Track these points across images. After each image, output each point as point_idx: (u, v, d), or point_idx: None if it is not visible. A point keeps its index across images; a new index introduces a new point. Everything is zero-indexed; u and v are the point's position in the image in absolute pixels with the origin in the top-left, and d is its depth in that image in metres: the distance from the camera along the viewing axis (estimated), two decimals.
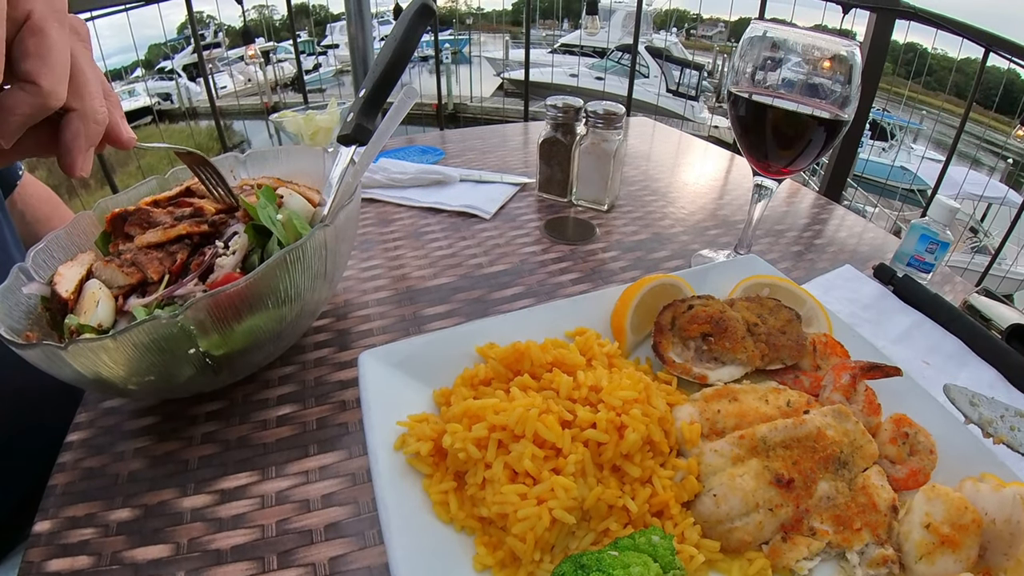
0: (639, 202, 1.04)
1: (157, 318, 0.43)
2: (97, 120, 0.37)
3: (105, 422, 0.58)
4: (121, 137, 0.41)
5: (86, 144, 0.37)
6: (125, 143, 0.41)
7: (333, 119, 1.03)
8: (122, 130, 0.40)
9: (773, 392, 0.51)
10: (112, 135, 0.40)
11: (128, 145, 0.42)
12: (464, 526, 0.43)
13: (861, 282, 0.80)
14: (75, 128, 0.36)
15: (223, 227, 0.60)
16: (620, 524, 0.43)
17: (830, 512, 0.43)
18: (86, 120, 0.36)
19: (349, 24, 1.74)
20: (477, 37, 11.98)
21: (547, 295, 0.77)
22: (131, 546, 0.46)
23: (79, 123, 0.36)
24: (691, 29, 16.13)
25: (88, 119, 0.36)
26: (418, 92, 0.67)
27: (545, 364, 0.51)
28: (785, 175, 0.71)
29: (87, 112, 0.36)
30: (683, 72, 11.54)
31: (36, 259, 0.56)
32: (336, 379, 0.62)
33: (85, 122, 0.36)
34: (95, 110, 0.37)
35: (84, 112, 0.36)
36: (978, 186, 4.34)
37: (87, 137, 0.37)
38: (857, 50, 0.61)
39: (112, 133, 0.40)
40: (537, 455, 0.43)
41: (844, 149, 2.26)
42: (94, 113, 0.37)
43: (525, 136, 1.41)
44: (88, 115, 0.36)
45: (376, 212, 0.99)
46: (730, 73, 0.69)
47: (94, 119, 0.37)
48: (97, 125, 0.37)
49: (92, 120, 0.37)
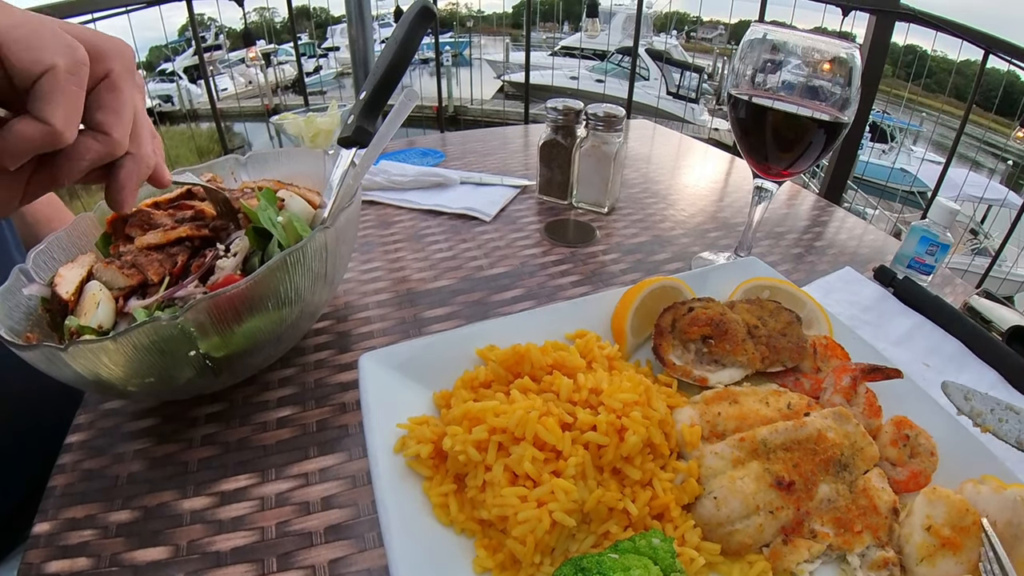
0: (639, 204, 1.04)
1: (157, 320, 0.43)
2: (148, 165, 0.42)
3: (105, 424, 0.58)
4: (163, 178, 0.45)
5: (136, 185, 0.41)
6: (164, 183, 0.46)
7: (334, 121, 1.04)
8: (163, 173, 0.45)
9: (773, 394, 0.51)
10: (155, 175, 0.44)
11: (166, 185, 0.46)
12: (464, 529, 0.43)
13: (861, 284, 0.80)
14: (129, 170, 0.40)
15: (223, 231, 0.60)
16: (620, 527, 0.43)
17: (831, 514, 0.43)
18: (139, 163, 0.41)
19: (350, 27, 1.74)
20: (477, 40, 12.03)
21: (547, 297, 0.77)
22: (130, 548, 0.46)
23: (133, 166, 0.40)
24: (691, 32, 16.17)
25: (141, 163, 0.41)
26: (419, 94, 0.67)
27: (545, 366, 0.51)
28: (785, 177, 0.72)
29: (141, 157, 0.41)
30: (683, 75, 11.57)
31: (36, 260, 0.56)
32: (336, 381, 0.62)
33: (138, 165, 0.41)
34: (148, 155, 0.41)
35: (138, 157, 0.40)
36: (978, 188, 4.35)
37: (138, 178, 0.41)
38: (857, 52, 0.61)
39: (155, 174, 0.44)
40: (537, 457, 0.43)
41: (844, 151, 2.27)
42: (147, 159, 0.41)
43: (525, 138, 1.41)
44: (141, 160, 0.41)
45: (376, 214, 0.99)
46: (730, 75, 0.69)
47: (146, 164, 0.41)
48: (148, 169, 0.42)
49: (144, 164, 0.41)
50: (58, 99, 0.33)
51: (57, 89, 0.32)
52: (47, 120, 0.32)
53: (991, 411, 0.46)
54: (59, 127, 0.33)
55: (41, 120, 0.32)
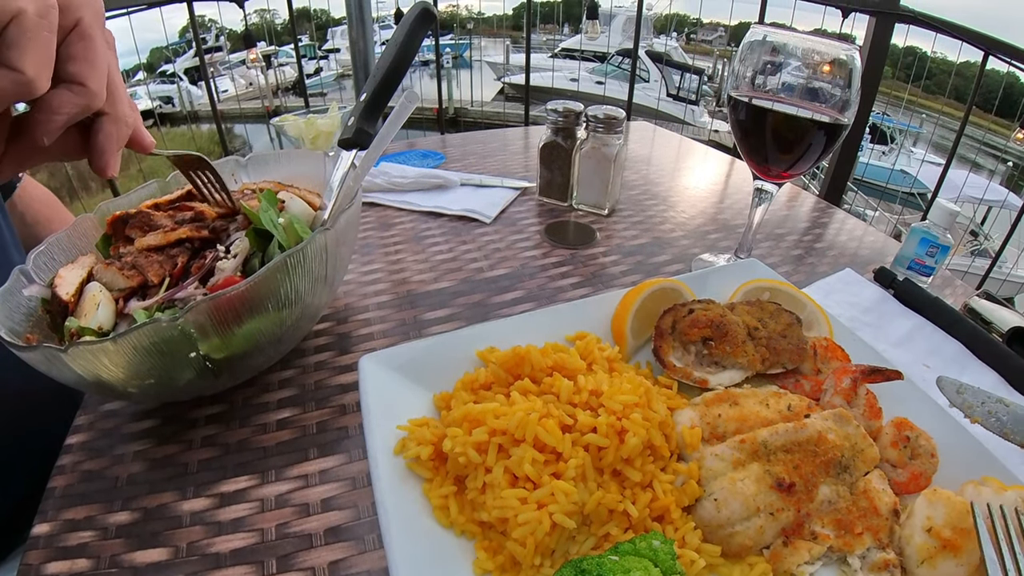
0: (639, 206, 1.04)
1: (157, 321, 0.43)
2: (128, 123, 0.40)
3: (105, 425, 0.58)
4: (143, 141, 0.43)
5: (117, 146, 0.39)
6: (147, 146, 0.44)
7: (334, 123, 1.04)
8: (144, 134, 0.43)
9: (774, 396, 0.51)
10: (135, 138, 0.42)
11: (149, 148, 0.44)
12: (464, 530, 0.43)
13: (861, 286, 0.80)
14: (108, 130, 0.39)
15: (223, 233, 0.60)
16: (621, 528, 0.43)
17: (831, 516, 0.43)
18: (118, 123, 0.39)
19: (350, 28, 1.75)
20: (478, 42, 12.04)
21: (547, 299, 0.77)
22: (130, 549, 0.46)
23: (111, 126, 0.39)
24: (691, 34, 16.19)
25: (120, 122, 0.39)
26: (419, 96, 0.67)
27: (545, 368, 0.51)
28: (785, 179, 0.72)
29: (119, 116, 0.39)
30: (683, 76, 11.57)
31: (37, 261, 0.56)
32: (336, 383, 0.62)
33: (117, 125, 0.39)
34: (126, 114, 0.39)
35: (116, 116, 0.39)
36: (978, 189, 4.35)
37: (118, 139, 0.39)
38: (857, 54, 0.61)
39: (135, 136, 0.42)
40: (537, 459, 0.43)
41: (844, 153, 2.27)
42: (125, 117, 0.39)
43: (526, 140, 1.42)
44: (120, 119, 0.39)
45: (377, 216, 0.99)
46: (730, 77, 0.69)
47: (125, 122, 0.39)
48: (127, 128, 0.40)
49: (123, 123, 0.39)
50: (27, 45, 0.31)
51: (26, 35, 0.31)
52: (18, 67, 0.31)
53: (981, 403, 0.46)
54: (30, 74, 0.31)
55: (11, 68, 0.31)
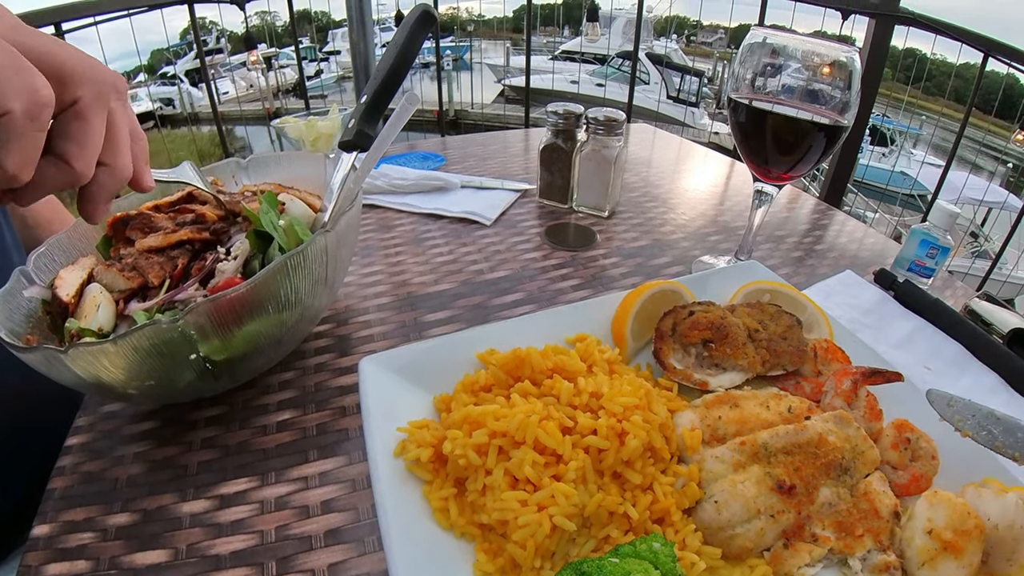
0: (640, 208, 1.04)
1: (158, 323, 0.43)
2: (123, 176, 0.41)
3: (104, 426, 0.58)
4: (142, 184, 0.44)
5: (107, 197, 0.40)
6: (145, 188, 0.44)
7: (335, 125, 1.04)
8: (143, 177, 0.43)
9: (774, 398, 0.51)
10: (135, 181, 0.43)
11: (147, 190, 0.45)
12: (464, 533, 0.43)
13: (862, 287, 0.80)
14: (101, 183, 0.39)
15: (224, 235, 0.60)
16: (621, 531, 0.43)
17: (832, 518, 0.43)
18: (112, 177, 0.40)
19: (351, 31, 1.75)
20: (478, 44, 12.04)
21: (548, 301, 0.77)
22: (130, 551, 0.46)
23: (106, 179, 0.39)
24: (691, 36, 16.21)
25: (115, 176, 0.40)
26: (419, 98, 0.67)
27: (546, 370, 0.51)
28: (785, 181, 0.72)
29: (116, 169, 0.40)
30: (683, 79, 11.59)
31: (37, 262, 0.56)
32: (336, 385, 0.62)
33: (111, 178, 0.40)
34: (123, 167, 0.40)
35: (113, 169, 0.39)
36: (978, 191, 4.35)
37: (109, 191, 0.40)
38: (856, 56, 0.61)
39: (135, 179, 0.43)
40: (538, 461, 0.43)
41: (844, 155, 2.27)
42: (122, 170, 0.40)
43: (526, 142, 1.42)
44: (115, 172, 0.40)
45: (377, 218, 0.99)
46: (730, 79, 0.69)
47: (120, 176, 0.40)
48: (122, 180, 0.41)
49: (119, 177, 0.40)
50: (12, 146, 0.32)
51: (13, 136, 0.32)
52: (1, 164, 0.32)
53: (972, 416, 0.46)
54: (11, 171, 0.33)
55: None
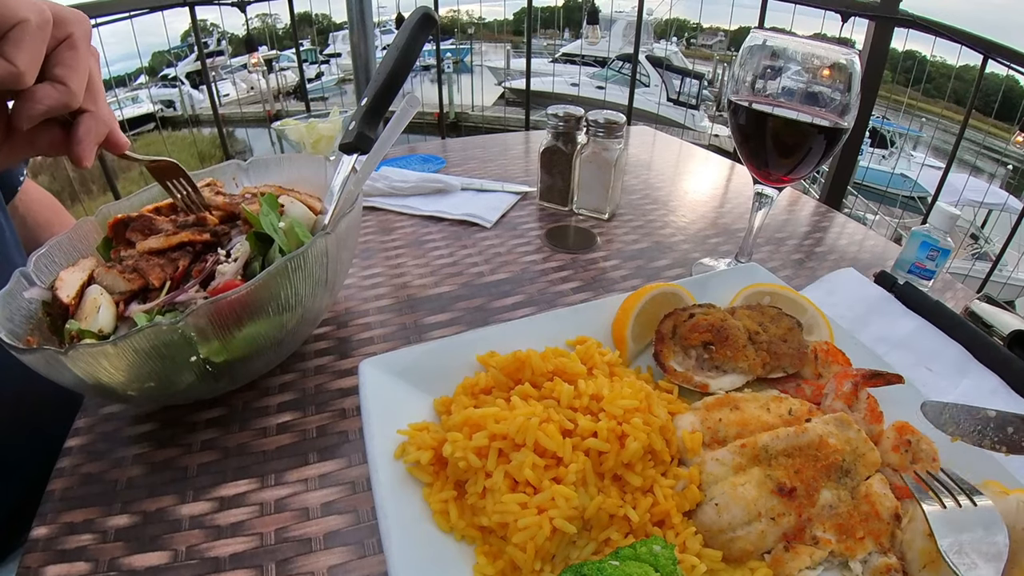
0: (640, 211, 1.04)
1: (158, 324, 0.43)
2: (106, 121, 0.46)
3: (104, 428, 0.58)
4: (119, 140, 0.49)
5: (95, 139, 0.46)
6: (121, 145, 0.50)
7: (335, 127, 1.04)
8: (119, 135, 0.49)
9: (775, 400, 0.51)
10: (111, 138, 0.48)
11: (123, 148, 0.50)
12: (464, 535, 0.43)
13: (863, 285, 0.80)
14: (88, 125, 0.45)
15: (224, 237, 0.60)
16: (621, 533, 0.42)
17: (832, 521, 0.43)
18: (97, 120, 0.45)
19: (352, 33, 1.75)
20: (478, 46, 12.06)
21: (548, 304, 0.77)
22: (129, 553, 0.46)
23: (92, 121, 0.45)
24: (691, 38, 16.21)
25: (99, 120, 0.45)
26: (420, 101, 0.67)
27: (546, 373, 0.51)
28: (785, 183, 0.72)
29: (99, 114, 0.45)
30: (683, 81, 11.59)
31: (38, 264, 0.57)
32: (336, 387, 0.62)
33: (96, 121, 0.45)
34: (105, 114, 0.46)
35: (97, 113, 0.45)
36: (978, 192, 4.35)
37: (97, 134, 0.46)
38: (856, 58, 0.61)
39: (111, 137, 0.48)
40: (538, 464, 0.43)
41: (844, 157, 2.27)
42: (105, 117, 0.46)
43: (526, 145, 1.42)
44: (99, 117, 0.45)
45: (377, 220, 1.00)
46: (730, 82, 0.69)
47: (104, 121, 0.46)
48: (105, 126, 0.46)
49: (102, 121, 0.46)
50: (24, 46, 0.38)
51: (26, 38, 0.38)
52: (13, 61, 0.38)
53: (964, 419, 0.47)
54: (22, 67, 0.39)
55: (8, 60, 0.38)
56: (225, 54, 10.86)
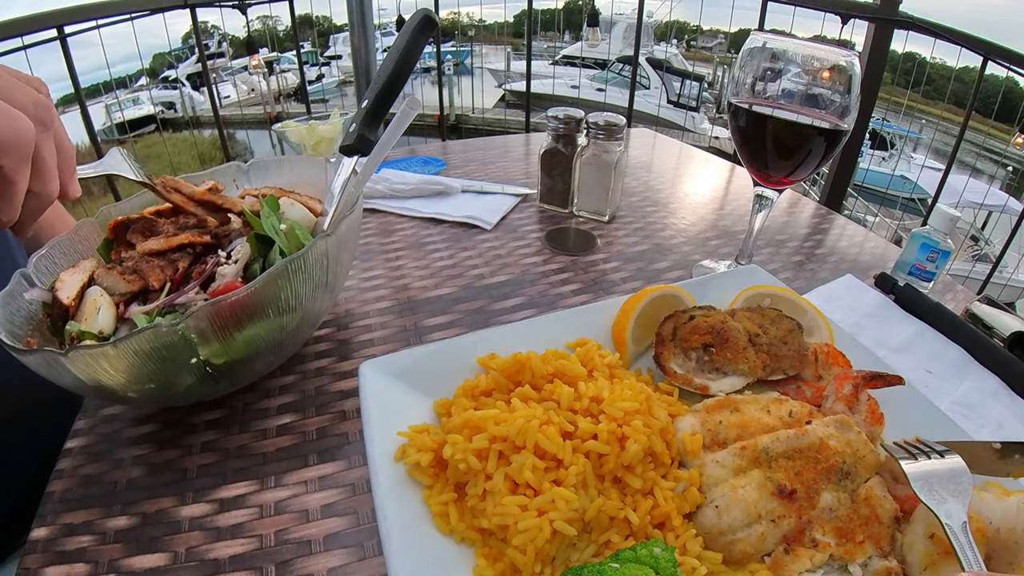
0: (640, 213, 1.04)
1: (158, 326, 0.43)
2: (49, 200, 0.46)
3: (104, 429, 0.58)
4: (68, 195, 0.49)
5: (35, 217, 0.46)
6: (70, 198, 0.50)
7: (336, 129, 1.04)
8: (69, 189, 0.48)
9: (775, 403, 0.51)
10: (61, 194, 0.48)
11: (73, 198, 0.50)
12: (464, 538, 0.43)
13: (863, 291, 0.80)
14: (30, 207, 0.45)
15: (225, 238, 0.60)
16: (621, 536, 0.42)
17: (833, 523, 0.43)
18: (40, 200, 0.45)
19: (352, 35, 1.75)
20: (479, 49, 12.07)
21: (548, 306, 0.77)
22: (128, 554, 0.46)
23: (34, 203, 0.45)
24: (691, 41, 16.23)
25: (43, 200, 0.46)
26: (420, 103, 0.67)
27: (546, 375, 0.51)
28: (785, 185, 0.72)
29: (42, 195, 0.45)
30: (684, 83, 11.60)
31: (38, 265, 0.57)
32: (336, 389, 0.62)
33: (39, 202, 0.45)
34: (49, 193, 0.46)
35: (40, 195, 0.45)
36: (978, 194, 4.35)
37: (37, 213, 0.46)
38: (856, 60, 0.61)
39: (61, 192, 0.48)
40: (538, 466, 0.43)
41: (844, 159, 2.27)
42: (48, 195, 0.46)
43: (526, 147, 1.42)
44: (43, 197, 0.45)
45: (378, 222, 1.00)
46: (730, 84, 0.69)
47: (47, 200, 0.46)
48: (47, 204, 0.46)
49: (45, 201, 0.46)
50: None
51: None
52: None
53: None
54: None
55: None
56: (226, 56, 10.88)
